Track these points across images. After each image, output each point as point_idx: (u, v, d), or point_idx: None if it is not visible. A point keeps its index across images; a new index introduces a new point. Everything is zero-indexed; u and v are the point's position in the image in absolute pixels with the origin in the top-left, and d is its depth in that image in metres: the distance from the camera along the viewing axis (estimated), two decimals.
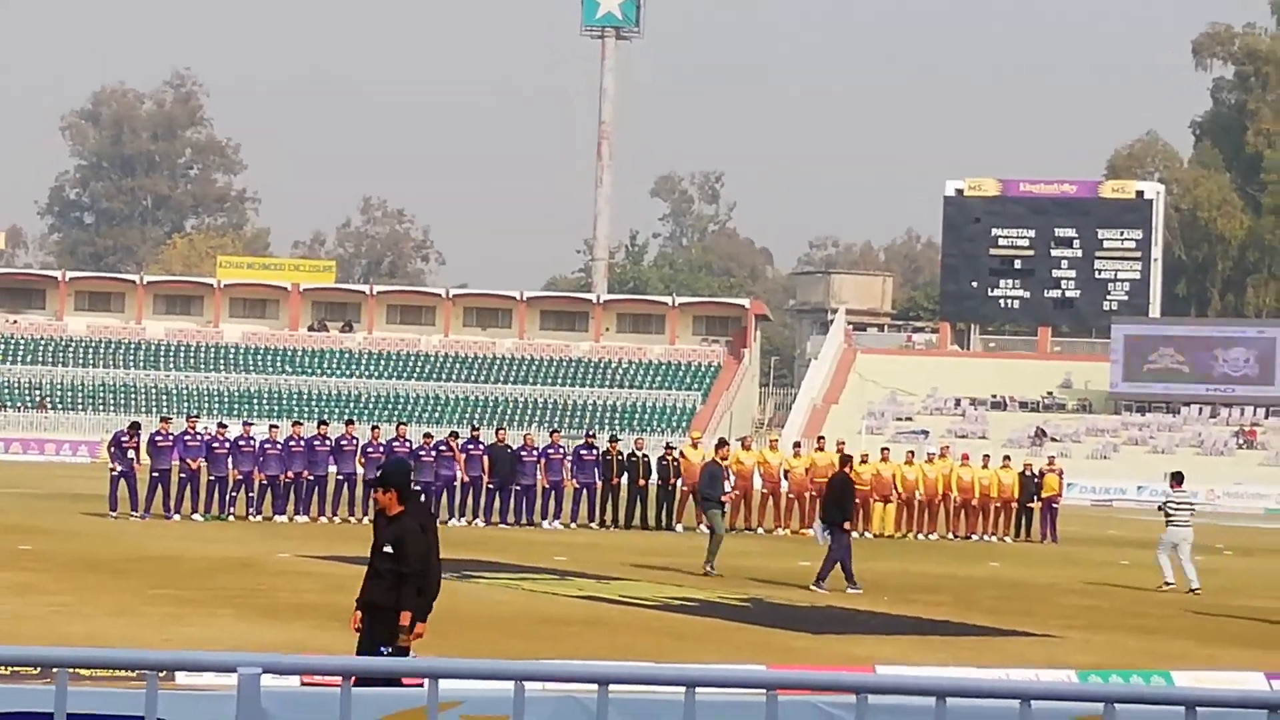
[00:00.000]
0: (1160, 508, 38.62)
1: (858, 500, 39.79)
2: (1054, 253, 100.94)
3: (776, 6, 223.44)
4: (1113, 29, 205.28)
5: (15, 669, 8.87)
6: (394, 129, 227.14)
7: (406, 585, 15.72)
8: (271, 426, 52.60)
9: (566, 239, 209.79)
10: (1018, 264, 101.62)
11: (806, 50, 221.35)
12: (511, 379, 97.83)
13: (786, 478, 51.65)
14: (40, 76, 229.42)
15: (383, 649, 14.74)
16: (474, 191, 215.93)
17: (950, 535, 52.13)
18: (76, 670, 8.02)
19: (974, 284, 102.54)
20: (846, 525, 34.59)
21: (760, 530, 49.59)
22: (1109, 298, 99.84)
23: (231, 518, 46.55)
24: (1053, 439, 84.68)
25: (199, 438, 49.70)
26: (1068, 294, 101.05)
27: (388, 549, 16.05)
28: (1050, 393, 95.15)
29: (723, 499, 39.81)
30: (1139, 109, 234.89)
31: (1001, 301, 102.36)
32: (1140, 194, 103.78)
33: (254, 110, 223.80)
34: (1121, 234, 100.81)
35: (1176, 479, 39.34)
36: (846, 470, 36.61)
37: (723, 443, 49.34)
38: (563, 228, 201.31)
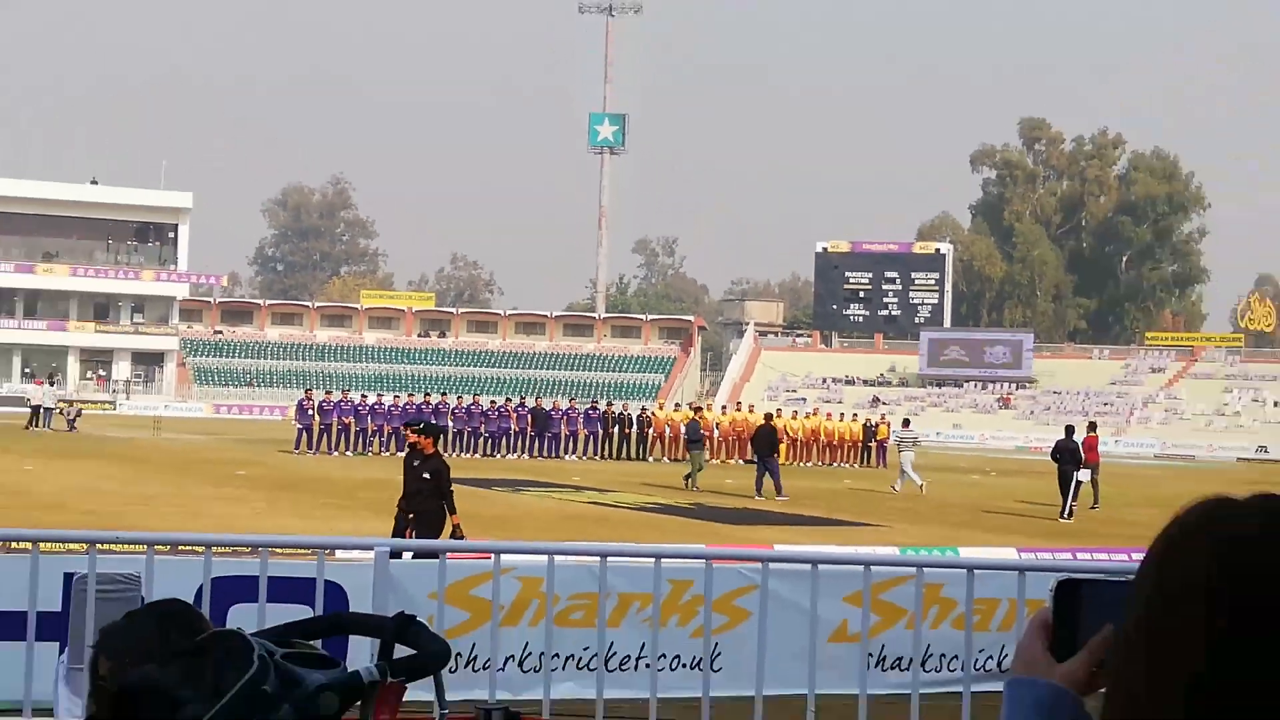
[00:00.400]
0: (896, 442, 39.27)
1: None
2: (884, 287, 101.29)
3: (711, 137, 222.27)
4: (924, 147, 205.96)
5: (235, 549, 8.85)
6: (473, 210, 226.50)
7: (448, 499, 15.88)
8: (395, 396, 52.64)
9: (579, 278, 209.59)
10: (861, 294, 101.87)
11: (728, 161, 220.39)
12: (545, 367, 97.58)
13: (718, 428, 51.81)
14: (242, 175, 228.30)
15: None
16: (523, 249, 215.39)
17: (820, 464, 52.23)
18: (273, 550, 7.97)
19: (834, 307, 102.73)
20: (774, 456, 35.36)
21: None
22: (918, 316, 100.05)
23: (370, 454, 46.65)
24: (883, 403, 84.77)
25: (350, 403, 49.96)
26: (893, 313, 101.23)
27: (427, 475, 15.98)
28: (882, 374, 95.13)
29: (703, 439, 40.84)
30: (937, 197, 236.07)
31: (852, 318, 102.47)
32: (938, 250, 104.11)
33: (386, 196, 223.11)
34: (926, 275, 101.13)
35: (905, 423, 40.19)
36: (770, 422, 37.13)
37: (699, 409, 49.74)
38: (578, 272, 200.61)
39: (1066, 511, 30.82)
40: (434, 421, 20.06)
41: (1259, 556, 1.49)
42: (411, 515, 16.03)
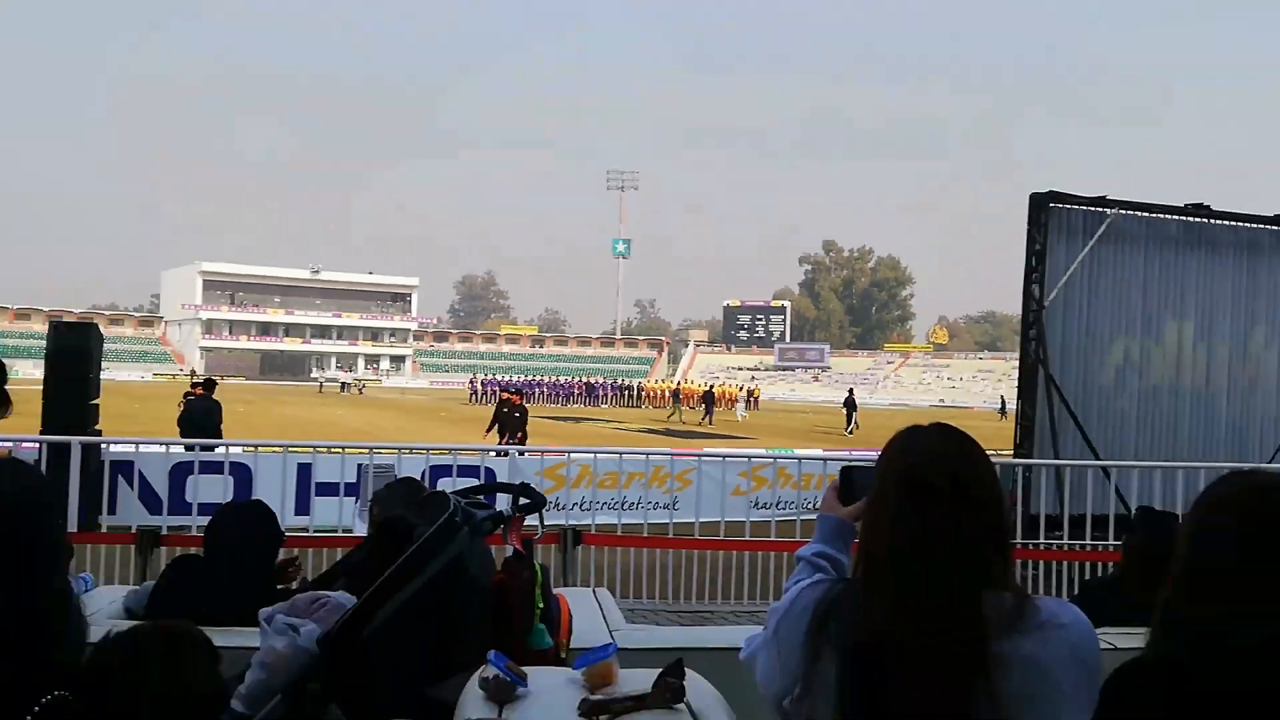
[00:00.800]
0: (747, 402, 39.35)
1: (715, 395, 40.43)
2: (755, 322, 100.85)
3: (672, 248, 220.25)
4: (775, 254, 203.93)
5: (441, 450, 8.81)
6: (557, 288, 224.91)
7: (526, 425, 15.11)
8: (517, 377, 52.42)
9: (608, 319, 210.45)
10: (746, 326, 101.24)
11: (679, 259, 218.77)
12: (592, 363, 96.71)
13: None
14: (442, 264, 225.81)
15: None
16: (581, 305, 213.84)
17: (725, 409, 51.90)
18: (459, 450, 7.93)
19: (733, 332, 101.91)
20: (712, 405, 36.10)
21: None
22: (773, 337, 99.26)
23: None
24: (755, 381, 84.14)
25: (496, 380, 49.65)
26: (761, 335, 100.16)
27: (517, 415, 14.70)
28: (756, 366, 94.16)
29: (680, 398, 41.39)
30: (782, 277, 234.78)
31: (741, 337, 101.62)
32: (782, 304, 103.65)
33: (515, 280, 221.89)
34: (777, 316, 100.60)
35: (740, 388, 40.48)
36: (711, 389, 38.17)
37: (679, 384, 49.96)
38: (607, 315, 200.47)
39: (850, 430, 30.90)
40: (520, 388, 19.49)
41: (927, 469, 1.51)
42: (494, 430, 15.13)
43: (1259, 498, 1.46)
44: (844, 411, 32.21)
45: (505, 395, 16.65)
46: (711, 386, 40.42)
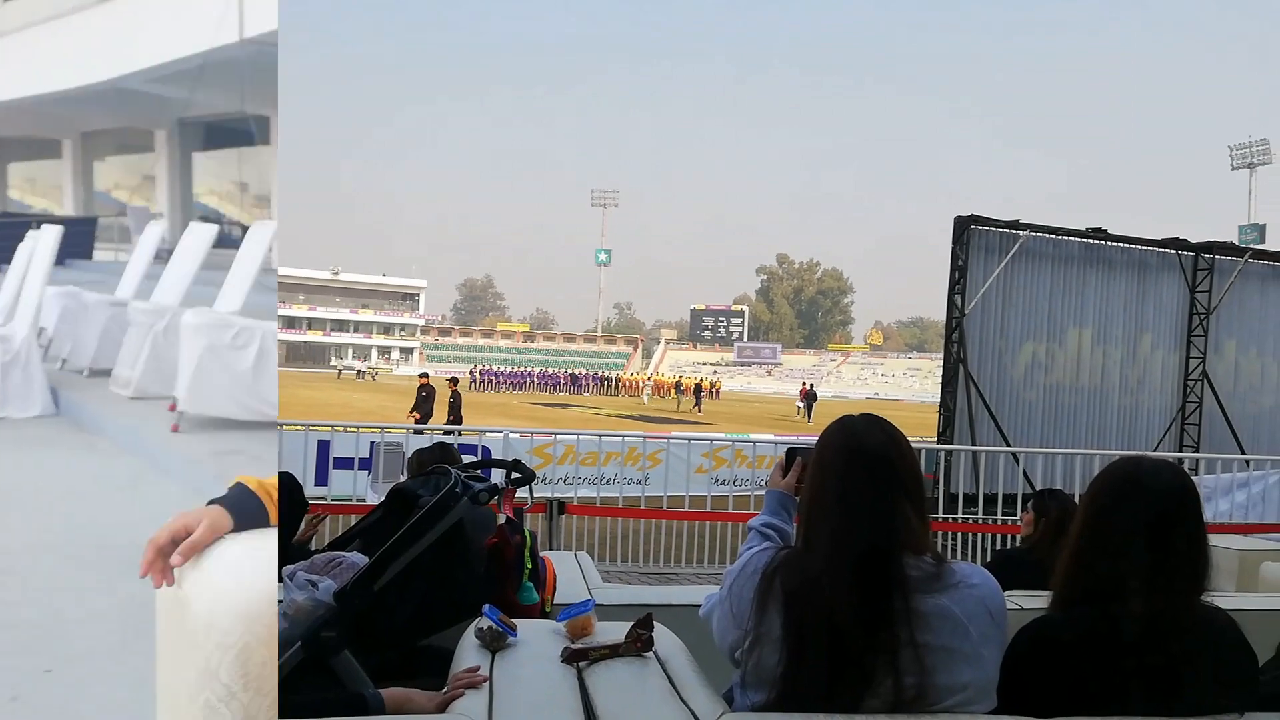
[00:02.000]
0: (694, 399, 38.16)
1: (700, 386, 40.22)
2: (718, 324, 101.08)
3: (644, 257, 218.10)
4: (734, 265, 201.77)
5: (439, 430, 8.67)
6: (545, 290, 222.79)
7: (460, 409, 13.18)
8: (511, 368, 51.96)
9: (590, 319, 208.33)
10: (710, 326, 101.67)
11: (653, 267, 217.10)
12: (577, 357, 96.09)
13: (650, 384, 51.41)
14: (446, 269, 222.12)
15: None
16: (567, 306, 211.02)
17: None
18: (460, 431, 7.84)
19: (699, 332, 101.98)
20: (700, 395, 36.13)
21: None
22: (734, 336, 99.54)
23: (503, 392, 45.80)
24: (716, 374, 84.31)
25: (494, 371, 48.96)
26: (723, 335, 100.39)
27: (452, 401, 13.00)
28: (719, 361, 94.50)
29: (683, 390, 41.19)
30: (741, 285, 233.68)
31: (707, 336, 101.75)
32: (743, 309, 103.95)
33: (510, 283, 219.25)
34: (737, 319, 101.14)
35: (696, 393, 38.96)
36: (699, 383, 38.35)
37: (679, 379, 49.59)
38: (589, 316, 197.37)
39: (808, 417, 30.93)
40: (454, 376, 16.91)
41: (863, 440, 1.52)
42: (418, 415, 12.89)
43: (1143, 481, 1.50)
44: (799, 404, 32.29)
45: (422, 381, 14.44)
46: (699, 381, 40.78)
